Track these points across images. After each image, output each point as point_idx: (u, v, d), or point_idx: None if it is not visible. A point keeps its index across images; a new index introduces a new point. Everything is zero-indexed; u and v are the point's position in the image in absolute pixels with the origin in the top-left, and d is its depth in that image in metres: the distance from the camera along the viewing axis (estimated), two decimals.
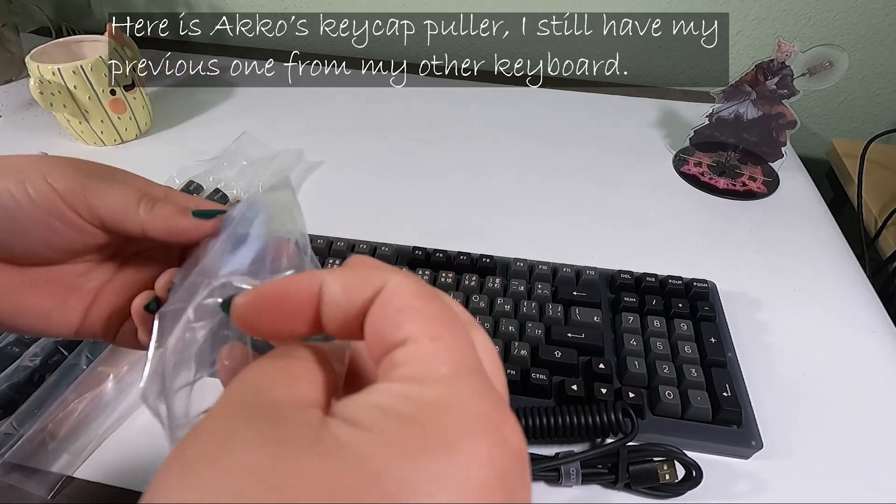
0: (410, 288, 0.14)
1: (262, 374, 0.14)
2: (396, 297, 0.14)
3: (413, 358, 0.13)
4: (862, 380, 0.42)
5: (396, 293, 0.14)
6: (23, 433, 0.35)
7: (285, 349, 0.16)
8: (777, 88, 0.56)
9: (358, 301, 0.14)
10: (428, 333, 0.13)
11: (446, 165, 0.64)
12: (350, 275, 0.15)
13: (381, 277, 0.14)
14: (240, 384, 0.14)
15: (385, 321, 0.14)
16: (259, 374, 0.14)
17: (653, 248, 0.53)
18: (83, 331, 0.24)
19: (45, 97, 0.58)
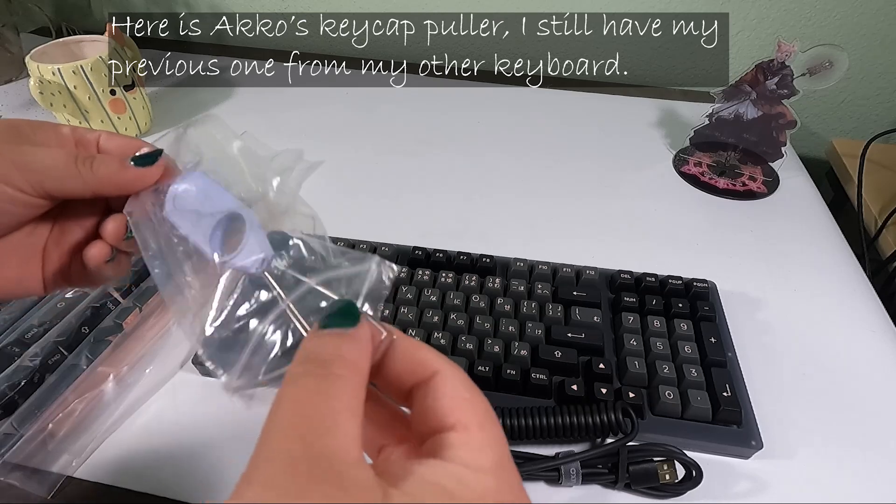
0: (461, 380, 0.17)
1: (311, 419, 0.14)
2: (450, 386, 0.17)
3: (466, 444, 0.15)
4: (862, 379, 0.42)
5: (450, 382, 0.17)
6: (23, 433, 0.35)
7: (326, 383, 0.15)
8: (777, 88, 0.56)
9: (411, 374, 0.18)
10: (477, 422, 0.16)
11: (446, 165, 0.64)
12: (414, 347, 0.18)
13: (436, 364, 0.17)
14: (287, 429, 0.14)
15: (438, 402, 0.16)
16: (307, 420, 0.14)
17: (653, 248, 0.53)
18: (49, 287, 0.25)
19: (45, 97, 0.58)
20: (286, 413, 0.15)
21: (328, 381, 0.15)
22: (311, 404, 0.15)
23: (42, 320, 0.41)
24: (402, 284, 0.45)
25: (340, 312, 0.17)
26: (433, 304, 0.44)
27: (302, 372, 0.16)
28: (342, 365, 0.16)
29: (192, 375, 0.41)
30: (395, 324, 0.42)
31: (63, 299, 0.43)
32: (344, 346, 0.17)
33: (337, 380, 0.15)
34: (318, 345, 0.17)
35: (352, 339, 0.17)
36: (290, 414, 0.15)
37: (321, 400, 0.15)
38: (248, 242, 0.19)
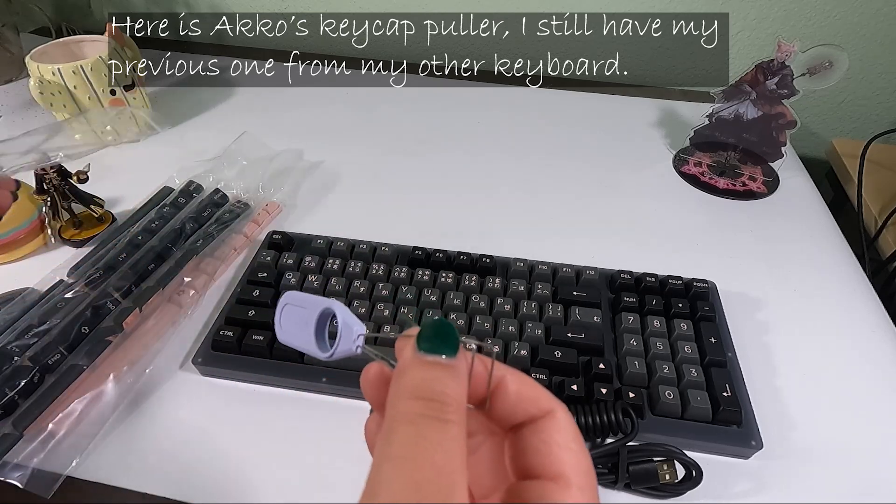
0: (572, 428, 0.17)
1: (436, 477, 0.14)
2: (561, 434, 0.17)
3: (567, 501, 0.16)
4: (862, 379, 0.42)
5: (562, 429, 0.17)
6: (23, 433, 0.35)
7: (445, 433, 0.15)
8: (777, 88, 0.56)
9: (522, 413, 0.18)
10: (581, 481, 0.16)
11: (446, 165, 0.64)
12: (526, 385, 0.18)
13: (549, 403, 0.18)
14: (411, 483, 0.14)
15: (545, 447, 0.17)
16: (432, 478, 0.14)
17: (653, 249, 0.53)
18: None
19: (45, 97, 0.58)
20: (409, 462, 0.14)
21: (447, 429, 0.15)
22: (435, 459, 0.14)
23: (42, 320, 0.41)
24: (402, 284, 0.45)
25: (440, 335, 0.17)
26: (433, 304, 0.44)
27: (420, 412, 0.15)
28: (456, 409, 0.16)
29: (192, 375, 0.41)
30: (394, 324, 0.42)
31: (63, 299, 0.43)
32: (452, 383, 0.16)
33: (453, 427, 0.15)
34: (429, 379, 0.16)
35: (458, 376, 0.16)
36: (413, 465, 0.14)
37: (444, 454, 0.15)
38: (343, 330, 0.20)
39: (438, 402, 0.15)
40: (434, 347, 0.16)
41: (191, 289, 0.46)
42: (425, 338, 0.17)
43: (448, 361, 0.16)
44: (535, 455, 0.17)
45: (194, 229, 0.51)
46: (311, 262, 0.47)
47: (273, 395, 0.40)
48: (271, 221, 0.55)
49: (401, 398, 0.16)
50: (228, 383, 0.40)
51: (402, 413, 0.15)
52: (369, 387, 0.19)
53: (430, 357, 0.16)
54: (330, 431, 0.38)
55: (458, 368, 0.17)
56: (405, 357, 0.17)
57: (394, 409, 0.16)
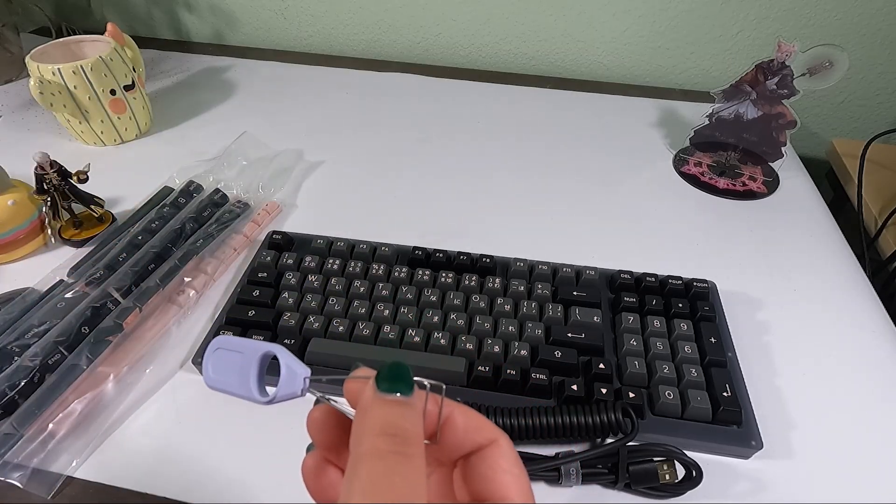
0: (513, 453, 0.19)
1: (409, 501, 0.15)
2: (504, 460, 0.19)
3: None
4: (862, 379, 0.42)
5: (504, 455, 0.19)
6: (23, 433, 0.35)
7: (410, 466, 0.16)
8: (777, 88, 0.56)
9: (470, 443, 0.19)
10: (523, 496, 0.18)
11: (446, 165, 0.64)
12: (472, 417, 0.20)
13: (493, 433, 0.19)
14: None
15: (491, 473, 0.18)
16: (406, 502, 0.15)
17: (653, 248, 0.53)
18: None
19: (45, 97, 0.58)
20: (379, 496, 0.15)
21: (411, 462, 0.16)
22: (402, 491, 0.16)
23: (42, 320, 0.41)
24: (402, 284, 0.45)
25: (397, 375, 0.18)
26: (433, 304, 0.44)
27: (386, 448, 0.16)
28: (416, 443, 0.17)
29: (192, 375, 0.41)
30: (394, 324, 0.42)
31: (63, 299, 0.43)
32: (412, 419, 0.17)
33: (416, 460, 0.16)
34: (391, 415, 0.17)
35: (415, 412, 0.18)
36: (382, 497, 0.15)
37: (410, 486, 0.16)
38: (286, 373, 0.21)
39: (401, 438, 0.17)
40: (392, 387, 0.18)
41: (191, 289, 0.46)
42: (384, 378, 0.18)
43: (406, 399, 0.18)
44: (482, 481, 0.18)
45: (194, 229, 0.51)
46: (311, 262, 0.47)
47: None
48: (271, 221, 0.55)
49: (366, 435, 0.17)
50: None
51: (368, 449, 0.16)
52: (315, 428, 0.21)
53: (389, 396, 0.18)
54: None
55: (416, 405, 0.18)
56: (366, 397, 0.18)
57: (360, 446, 0.17)
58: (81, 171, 0.51)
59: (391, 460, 0.16)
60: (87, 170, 0.51)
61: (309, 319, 0.42)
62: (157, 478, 0.35)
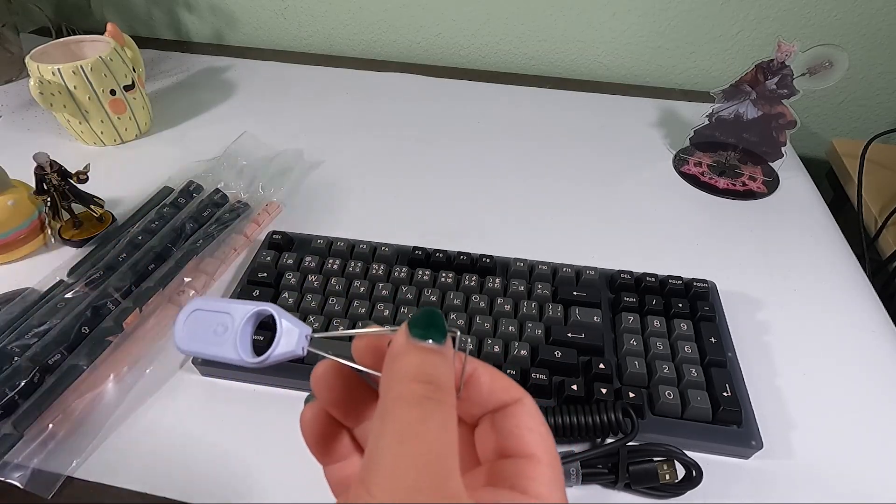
0: (538, 413, 0.19)
1: (438, 458, 0.15)
2: (529, 418, 0.18)
3: (540, 477, 0.17)
4: (862, 379, 0.42)
5: (530, 414, 0.18)
6: (23, 433, 0.35)
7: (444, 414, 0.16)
8: (777, 88, 0.56)
9: (495, 401, 0.19)
10: (549, 459, 0.18)
11: (446, 165, 0.64)
12: (497, 377, 0.19)
13: (518, 392, 0.19)
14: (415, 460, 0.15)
15: (516, 430, 0.18)
16: (435, 458, 0.15)
17: (653, 248, 0.53)
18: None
19: (45, 97, 0.58)
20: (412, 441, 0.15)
21: (444, 411, 0.16)
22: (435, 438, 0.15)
23: (42, 320, 0.41)
24: (402, 284, 0.45)
25: (431, 322, 0.18)
26: (433, 304, 0.44)
27: (421, 393, 0.16)
28: (449, 391, 0.17)
29: (192, 375, 0.41)
30: (395, 324, 0.42)
31: (63, 299, 0.43)
32: (444, 367, 0.17)
33: (449, 408, 0.16)
34: (425, 363, 0.17)
35: (448, 361, 0.17)
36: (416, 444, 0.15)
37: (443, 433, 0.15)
38: (285, 332, 0.20)
39: (434, 385, 0.16)
40: (426, 334, 0.17)
41: (191, 289, 0.46)
42: (418, 325, 0.17)
43: (438, 347, 0.17)
44: (508, 438, 0.18)
45: (194, 229, 0.51)
46: (311, 262, 0.47)
47: (273, 395, 0.40)
48: (271, 221, 0.55)
49: (398, 381, 0.16)
50: (228, 383, 0.40)
51: (401, 395, 0.16)
52: (322, 383, 0.20)
53: (422, 343, 0.17)
54: None
55: (447, 354, 0.17)
56: (398, 343, 0.17)
57: (391, 391, 0.16)
58: (81, 171, 0.51)
59: (425, 406, 0.16)
60: (86, 170, 0.51)
61: (309, 319, 0.42)
62: (157, 478, 0.35)
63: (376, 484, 0.14)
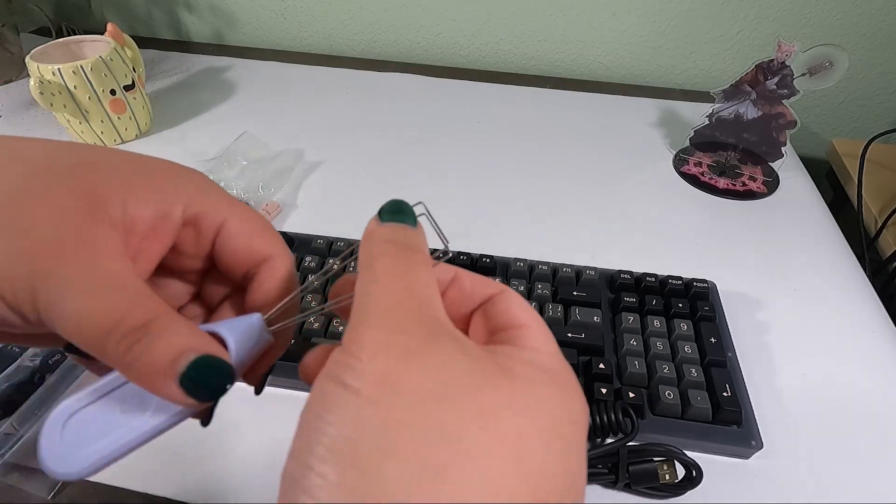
0: (523, 298, 0.19)
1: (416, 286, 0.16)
2: (516, 299, 0.19)
3: (539, 338, 0.18)
4: (862, 379, 0.42)
5: (515, 297, 0.19)
6: (23, 433, 0.35)
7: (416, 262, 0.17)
8: (777, 88, 0.56)
9: (480, 294, 0.20)
10: (539, 325, 0.18)
11: (446, 165, 0.64)
12: (477, 277, 0.20)
13: (500, 285, 0.20)
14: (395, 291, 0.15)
15: (509, 309, 0.19)
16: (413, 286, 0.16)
17: (653, 248, 0.53)
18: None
19: (45, 97, 0.58)
20: (389, 279, 0.16)
21: (417, 261, 0.16)
22: (419, 280, 0.16)
23: None
24: None
25: (400, 209, 0.18)
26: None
27: (390, 250, 0.16)
28: (426, 253, 0.17)
29: None
30: None
31: None
32: (418, 238, 0.18)
33: (425, 263, 0.17)
34: (398, 231, 0.17)
35: (420, 235, 0.18)
36: (393, 278, 0.16)
37: (419, 273, 0.16)
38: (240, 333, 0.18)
39: (410, 247, 0.17)
40: (396, 217, 0.18)
41: None
42: (387, 211, 0.18)
43: (409, 226, 0.18)
44: (499, 318, 0.19)
45: None
46: (311, 261, 0.47)
47: (273, 395, 0.40)
48: (271, 221, 0.55)
49: (374, 245, 0.17)
50: None
51: (379, 251, 0.16)
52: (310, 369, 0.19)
53: (393, 223, 0.18)
54: None
55: (419, 231, 0.18)
56: (370, 227, 0.18)
57: (368, 253, 0.17)
58: None
59: (401, 257, 0.16)
60: None
61: (309, 319, 0.42)
62: (157, 478, 0.35)
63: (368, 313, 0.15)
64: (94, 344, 0.15)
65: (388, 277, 0.16)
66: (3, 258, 0.14)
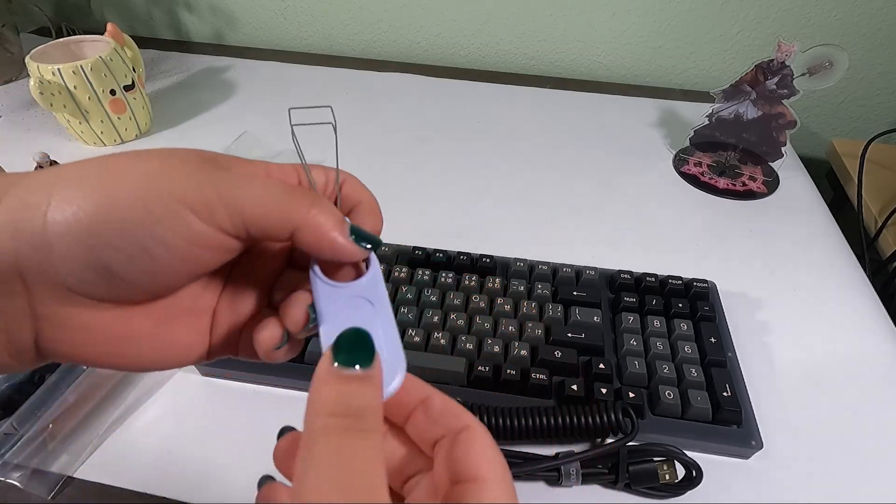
0: (488, 437, 0.19)
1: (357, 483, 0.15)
2: (479, 442, 0.18)
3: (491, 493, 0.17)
4: (862, 379, 0.42)
5: (479, 438, 0.18)
6: (23, 433, 0.35)
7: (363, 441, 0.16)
8: (777, 88, 0.56)
9: (444, 426, 0.19)
10: (498, 479, 0.18)
11: (446, 165, 0.64)
12: (449, 402, 0.20)
13: (469, 418, 0.19)
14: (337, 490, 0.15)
15: (469, 455, 0.18)
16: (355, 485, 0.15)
17: (653, 248, 0.53)
18: (213, 354, 0.22)
19: (45, 97, 0.58)
20: (333, 469, 0.15)
21: (366, 438, 0.16)
22: (356, 465, 0.15)
23: None
24: (402, 284, 0.45)
25: (356, 345, 0.17)
26: (433, 304, 0.44)
27: (338, 426, 0.16)
28: (373, 419, 0.16)
29: (193, 375, 0.41)
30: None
31: None
32: (368, 394, 0.17)
33: (371, 436, 0.16)
34: (345, 394, 0.17)
35: (373, 385, 0.17)
36: (337, 471, 0.15)
37: (364, 461, 0.15)
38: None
39: (356, 417, 0.16)
40: (351, 359, 0.17)
41: None
42: (343, 348, 0.17)
43: (364, 372, 0.17)
44: (455, 463, 0.18)
45: None
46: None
47: (273, 395, 0.40)
48: None
49: (318, 416, 0.16)
50: (228, 383, 0.40)
51: (320, 427, 0.16)
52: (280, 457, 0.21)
53: (346, 371, 0.17)
54: None
55: (374, 377, 0.17)
56: (321, 370, 0.17)
57: (312, 425, 0.16)
58: None
59: (344, 438, 0.16)
60: None
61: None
62: (157, 478, 0.35)
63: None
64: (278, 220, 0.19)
65: (329, 465, 0.15)
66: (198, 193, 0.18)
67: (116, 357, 0.20)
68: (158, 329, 0.20)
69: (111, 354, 0.19)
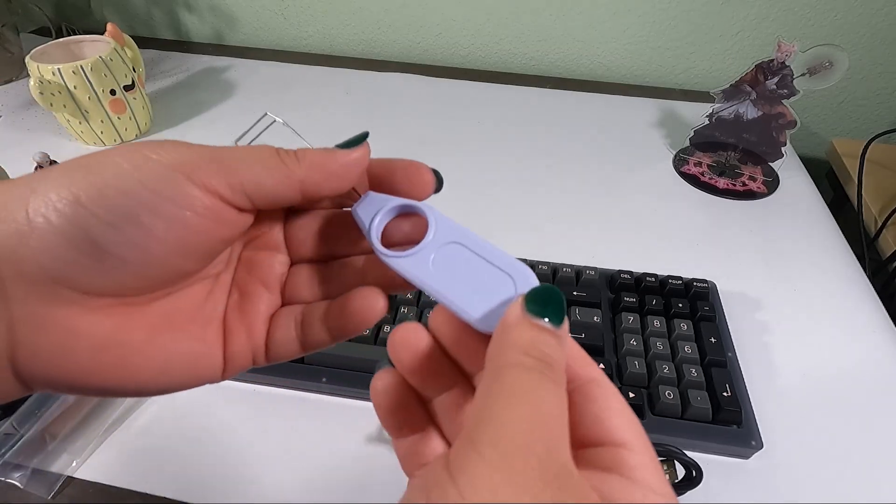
0: (618, 392, 0.17)
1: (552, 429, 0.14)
2: (614, 400, 0.17)
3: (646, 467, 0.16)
4: (862, 379, 0.42)
5: (612, 394, 0.17)
6: (23, 433, 0.35)
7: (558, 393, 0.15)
8: (777, 88, 0.56)
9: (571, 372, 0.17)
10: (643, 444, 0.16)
11: (446, 165, 0.63)
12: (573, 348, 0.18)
13: (594, 370, 0.17)
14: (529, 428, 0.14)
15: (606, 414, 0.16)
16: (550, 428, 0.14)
17: (653, 248, 0.53)
18: (230, 369, 0.20)
19: (45, 97, 0.58)
20: (517, 405, 0.14)
21: (557, 386, 0.15)
22: (550, 408, 0.15)
23: None
24: None
25: (548, 300, 0.16)
26: (433, 304, 0.44)
27: (532, 365, 0.15)
28: (562, 373, 0.16)
29: None
30: (394, 324, 0.42)
31: None
32: (559, 350, 0.16)
33: (561, 389, 0.15)
34: (538, 340, 0.16)
35: (563, 345, 0.16)
36: (523, 406, 0.14)
37: (557, 407, 0.15)
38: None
39: (548, 364, 0.15)
40: (543, 312, 0.16)
41: None
42: (535, 300, 0.16)
43: (554, 328, 0.16)
44: (597, 425, 0.16)
45: None
46: None
47: (273, 395, 0.40)
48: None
49: (511, 351, 0.15)
50: (229, 383, 0.40)
51: (514, 362, 0.15)
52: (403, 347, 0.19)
53: (538, 320, 0.16)
54: (330, 431, 0.38)
55: (563, 337, 0.16)
56: (512, 314, 0.16)
57: (502, 357, 0.15)
58: None
59: (536, 376, 0.15)
60: None
61: None
62: (157, 478, 0.35)
63: (487, 442, 0.13)
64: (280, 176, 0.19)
65: (516, 403, 0.14)
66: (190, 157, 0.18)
67: (106, 371, 0.17)
68: (155, 337, 0.18)
69: (100, 367, 0.17)
